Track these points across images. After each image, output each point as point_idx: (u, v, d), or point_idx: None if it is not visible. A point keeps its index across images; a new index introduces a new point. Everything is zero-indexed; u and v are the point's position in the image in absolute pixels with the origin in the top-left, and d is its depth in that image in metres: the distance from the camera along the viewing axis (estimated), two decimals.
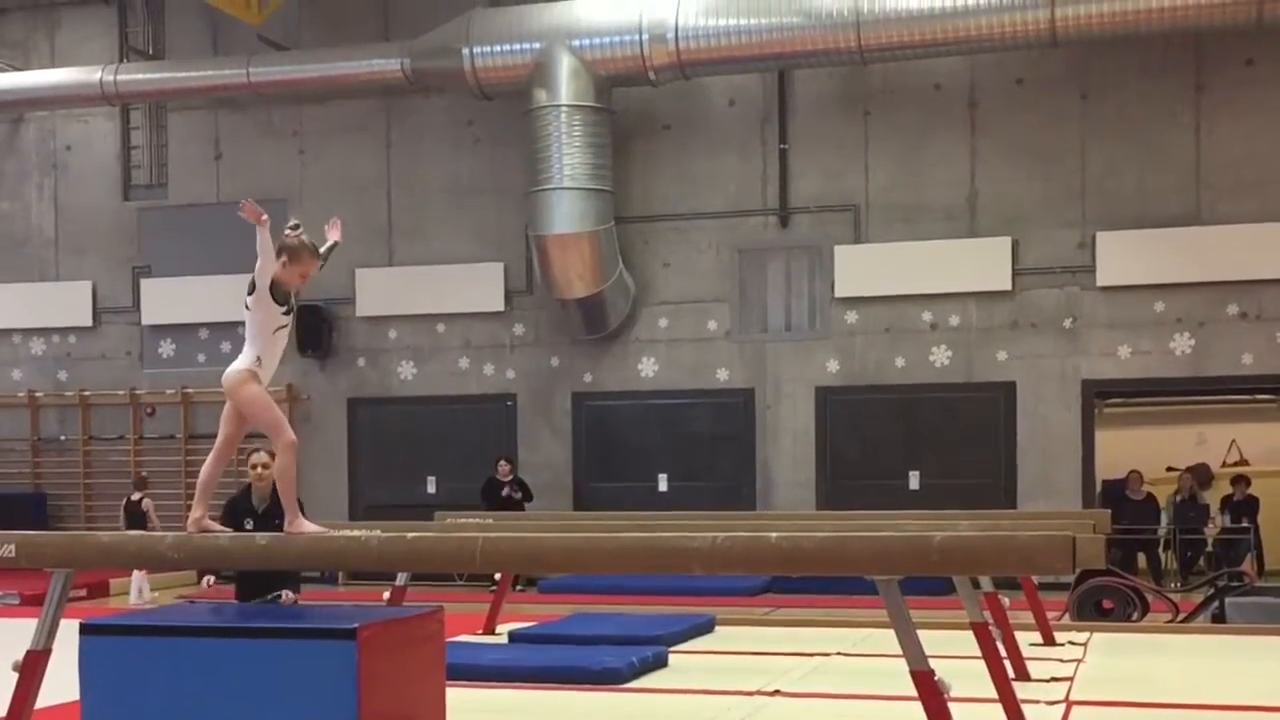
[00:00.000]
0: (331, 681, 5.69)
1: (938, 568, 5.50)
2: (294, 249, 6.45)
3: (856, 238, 17.00)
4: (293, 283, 6.43)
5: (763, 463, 17.28)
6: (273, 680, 5.79)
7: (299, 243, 6.49)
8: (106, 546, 6.69)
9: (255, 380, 6.32)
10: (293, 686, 5.75)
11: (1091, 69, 16.26)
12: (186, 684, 5.89)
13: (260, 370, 6.34)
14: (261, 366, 6.34)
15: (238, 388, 6.31)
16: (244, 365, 6.33)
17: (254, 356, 6.33)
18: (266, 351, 6.36)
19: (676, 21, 15.97)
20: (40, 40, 19.78)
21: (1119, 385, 16.79)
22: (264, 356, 6.35)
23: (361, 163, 18.51)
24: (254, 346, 6.34)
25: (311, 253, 6.54)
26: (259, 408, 6.34)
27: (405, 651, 6.12)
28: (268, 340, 6.36)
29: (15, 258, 19.83)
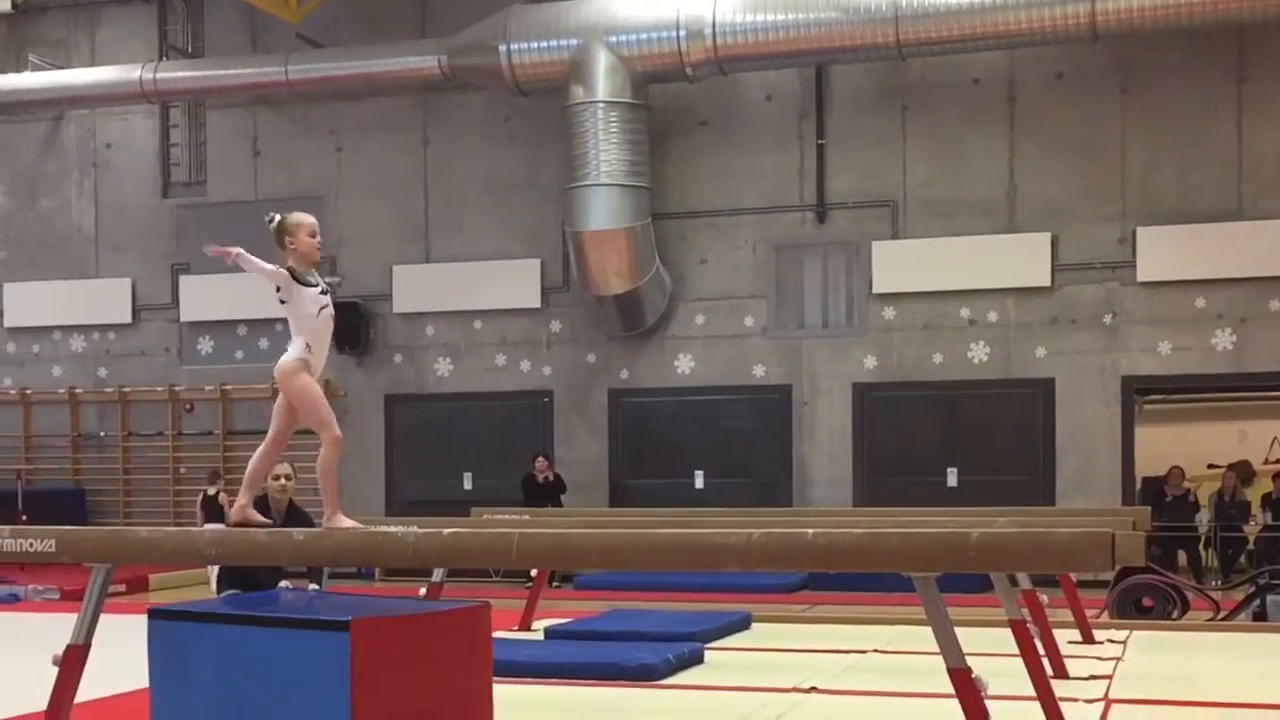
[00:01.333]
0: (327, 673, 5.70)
1: (975, 564, 5.46)
2: (286, 225, 6.40)
3: (894, 233, 16.93)
4: (311, 254, 6.39)
5: (799, 460, 17.23)
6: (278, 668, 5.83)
7: (283, 217, 6.45)
8: (146, 541, 6.72)
9: (307, 370, 6.33)
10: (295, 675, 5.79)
11: (1132, 62, 16.14)
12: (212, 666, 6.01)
13: (311, 358, 6.34)
14: (312, 354, 6.35)
15: (290, 379, 6.31)
16: (295, 355, 6.33)
17: (303, 344, 6.33)
18: (315, 337, 6.36)
19: (714, 17, 15.94)
20: (81, 39, 19.91)
21: (1159, 382, 16.66)
22: (313, 343, 6.36)
23: (398, 160, 18.56)
24: (301, 334, 6.35)
25: (300, 215, 6.47)
26: (310, 401, 6.34)
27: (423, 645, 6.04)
28: (313, 325, 6.35)
29: (56, 255, 19.97)
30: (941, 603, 5.43)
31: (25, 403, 19.99)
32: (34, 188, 20.14)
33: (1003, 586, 7.74)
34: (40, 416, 20.07)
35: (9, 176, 20.26)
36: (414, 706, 5.95)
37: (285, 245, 6.37)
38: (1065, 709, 6.96)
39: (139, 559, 6.93)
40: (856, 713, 7.71)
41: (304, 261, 6.39)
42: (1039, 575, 9.13)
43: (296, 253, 6.37)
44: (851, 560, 5.54)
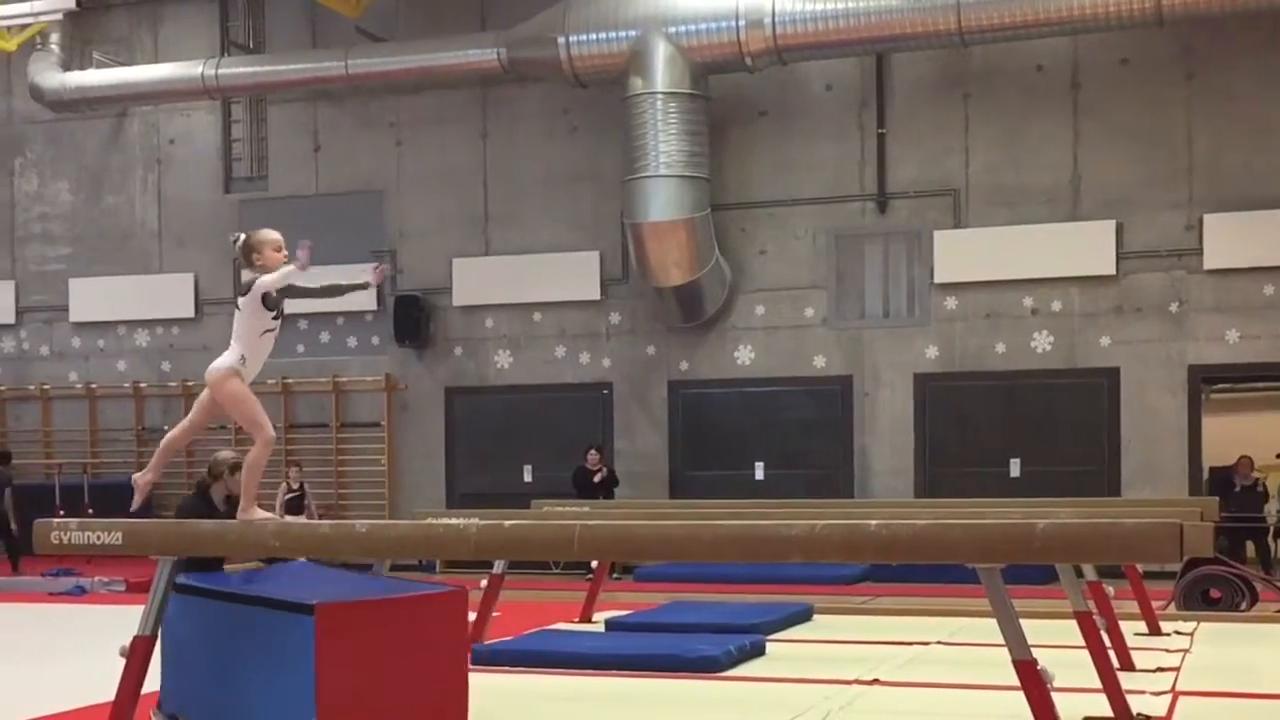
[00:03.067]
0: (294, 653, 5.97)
1: (1041, 556, 5.41)
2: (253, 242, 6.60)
3: (956, 222, 16.80)
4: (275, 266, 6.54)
5: (860, 451, 17.14)
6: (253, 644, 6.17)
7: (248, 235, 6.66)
8: (210, 534, 6.78)
9: (238, 378, 6.50)
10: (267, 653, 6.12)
11: (1198, 48, 15.93)
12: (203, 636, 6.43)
13: (244, 370, 6.54)
14: (245, 366, 6.54)
15: (220, 384, 6.50)
16: (229, 363, 6.51)
17: (239, 355, 6.52)
18: (251, 351, 6.56)
19: (773, 7, 15.87)
20: (144, 36, 20.10)
21: (1227, 370, 16.45)
22: (249, 356, 6.55)
23: (458, 152, 18.61)
24: (240, 345, 6.53)
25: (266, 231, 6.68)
26: (240, 405, 6.55)
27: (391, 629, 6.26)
28: (254, 341, 6.56)
29: (120, 250, 20.18)
30: (1006, 594, 5.38)
31: (91, 397, 20.22)
32: (98, 184, 20.35)
33: (1068, 578, 7.66)
34: (105, 410, 20.30)
35: (74, 173, 20.48)
36: (382, 688, 6.16)
37: (253, 262, 6.61)
38: (1132, 701, 6.88)
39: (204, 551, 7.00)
40: (920, 705, 7.65)
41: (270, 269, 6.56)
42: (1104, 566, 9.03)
43: (265, 269, 6.56)
44: (916, 552, 5.49)
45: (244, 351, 6.53)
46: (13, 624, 13.10)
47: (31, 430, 20.42)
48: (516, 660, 8.94)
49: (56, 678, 9.22)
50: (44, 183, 20.63)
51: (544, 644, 9.49)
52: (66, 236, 20.49)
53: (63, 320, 20.42)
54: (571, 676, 8.48)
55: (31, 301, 20.59)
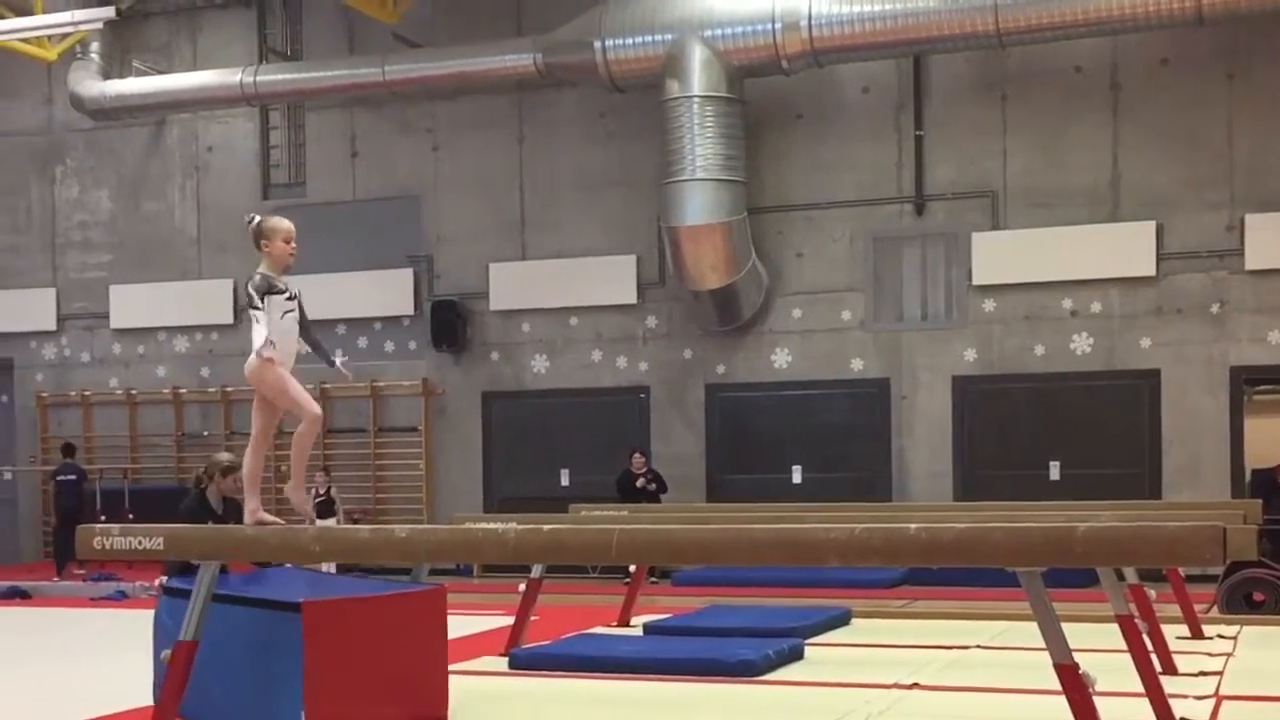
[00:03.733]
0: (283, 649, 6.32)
1: (1082, 559, 5.38)
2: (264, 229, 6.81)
3: (994, 224, 16.72)
4: (283, 259, 6.77)
5: (898, 453, 17.07)
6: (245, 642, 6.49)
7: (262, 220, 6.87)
8: (251, 539, 6.82)
9: (273, 363, 6.63)
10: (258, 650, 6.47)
11: (1239, 47, 15.81)
12: None
13: (278, 355, 6.64)
14: (278, 350, 6.64)
15: (260, 375, 6.65)
16: (261, 353, 6.63)
17: (268, 342, 6.61)
18: (279, 338, 6.68)
19: (810, 9, 15.83)
20: (182, 44, 20.22)
21: (1269, 372, 16.31)
22: (276, 341, 6.66)
23: (494, 157, 18.64)
24: (267, 333, 6.64)
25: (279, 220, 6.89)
26: (283, 389, 6.68)
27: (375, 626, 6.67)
28: (276, 326, 6.68)
29: (160, 257, 20.30)
30: (1047, 598, 5.35)
31: (131, 403, 20.35)
32: (138, 191, 20.49)
33: (1110, 581, 7.61)
34: (145, 416, 20.42)
35: (114, 180, 20.62)
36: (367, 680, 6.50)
37: (261, 247, 6.79)
38: (1175, 705, 6.83)
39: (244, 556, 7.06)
40: (960, 709, 7.61)
41: (276, 265, 6.78)
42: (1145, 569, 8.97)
43: (270, 256, 6.79)
44: (956, 555, 5.47)
45: (269, 334, 6.62)
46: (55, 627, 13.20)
47: (73, 436, 20.51)
48: (555, 664, 8.96)
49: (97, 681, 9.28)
50: (84, 190, 20.78)
51: (582, 648, 9.50)
52: (107, 244, 20.62)
53: (103, 327, 20.56)
54: (609, 680, 8.48)
55: (73, 308, 20.75)
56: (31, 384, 20.89)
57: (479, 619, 11.95)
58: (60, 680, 9.53)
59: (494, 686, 8.60)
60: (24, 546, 20.70)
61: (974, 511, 10.54)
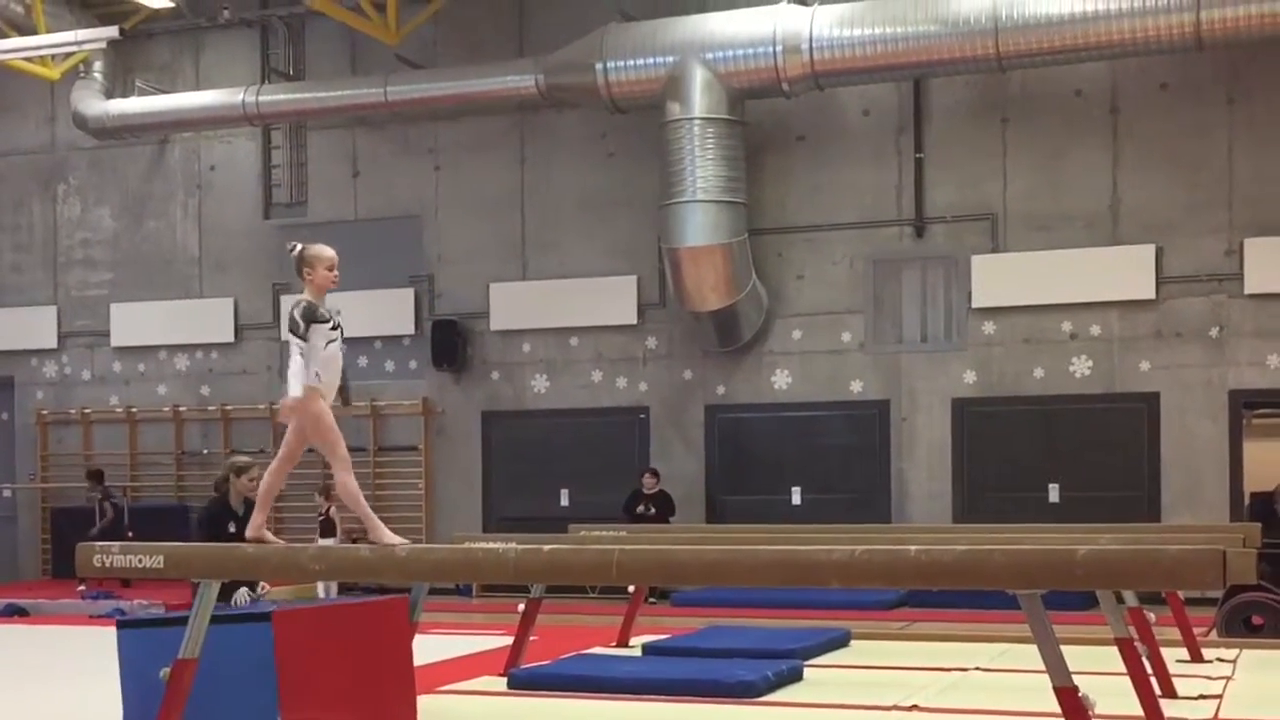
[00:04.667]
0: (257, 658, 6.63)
1: (1082, 582, 5.39)
2: (306, 256, 6.77)
3: (994, 247, 16.76)
4: (325, 286, 6.75)
5: (897, 475, 17.09)
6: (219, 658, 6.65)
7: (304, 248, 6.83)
8: (251, 558, 6.85)
9: (320, 397, 6.61)
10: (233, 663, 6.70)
11: (1239, 72, 15.87)
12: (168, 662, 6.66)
13: (321, 386, 6.63)
14: (322, 382, 6.63)
15: (306, 405, 6.59)
16: (305, 385, 6.60)
17: (313, 372, 6.60)
18: (323, 365, 6.65)
19: (811, 33, 15.89)
20: (185, 63, 20.28)
21: (1268, 396, 16.32)
22: (322, 371, 6.64)
23: (495, 178, 18.69)
24: (312, 363, 6.61)
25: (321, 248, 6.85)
26: (323, 425, 6.65)
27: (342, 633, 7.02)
28: (321, 355, 6.64)
29: (161, 275, 20.34)
30: (1048, 620, 5.36)
31: (131, 421, 20.36)
32: (140, 210, 20.53)
33: (1109, 604, 7.62)
34: (145, 434, 20.44)
35: (116, 199, 20.67)
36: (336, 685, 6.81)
37: (303, 275, 6.76)
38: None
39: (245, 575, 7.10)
40: None
41: (318, 293, 6.75)
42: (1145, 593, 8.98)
43: (312, 284, 6.76)
44: (956, 577, 5.48)
45: (316, 368, 6.61)
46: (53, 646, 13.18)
47: (72, 454, 20.57)
48: (553, 684, 8.96)
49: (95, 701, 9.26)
50: (86, 209, 20.83)
51: (581, 668, 9.49)
52: (108, 262, 20.66)
53: (104, 345, 20.58)
54: (608, 701, 8.48)
55: (73, 326, 20.77)
56: (32, 401, 20.90)
57: (478, 639, 11.96)
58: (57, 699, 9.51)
59: (493, 706, 8.60)
60: (23, 564, 20.69)
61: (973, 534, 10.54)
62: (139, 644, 7.11)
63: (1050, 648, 5.36)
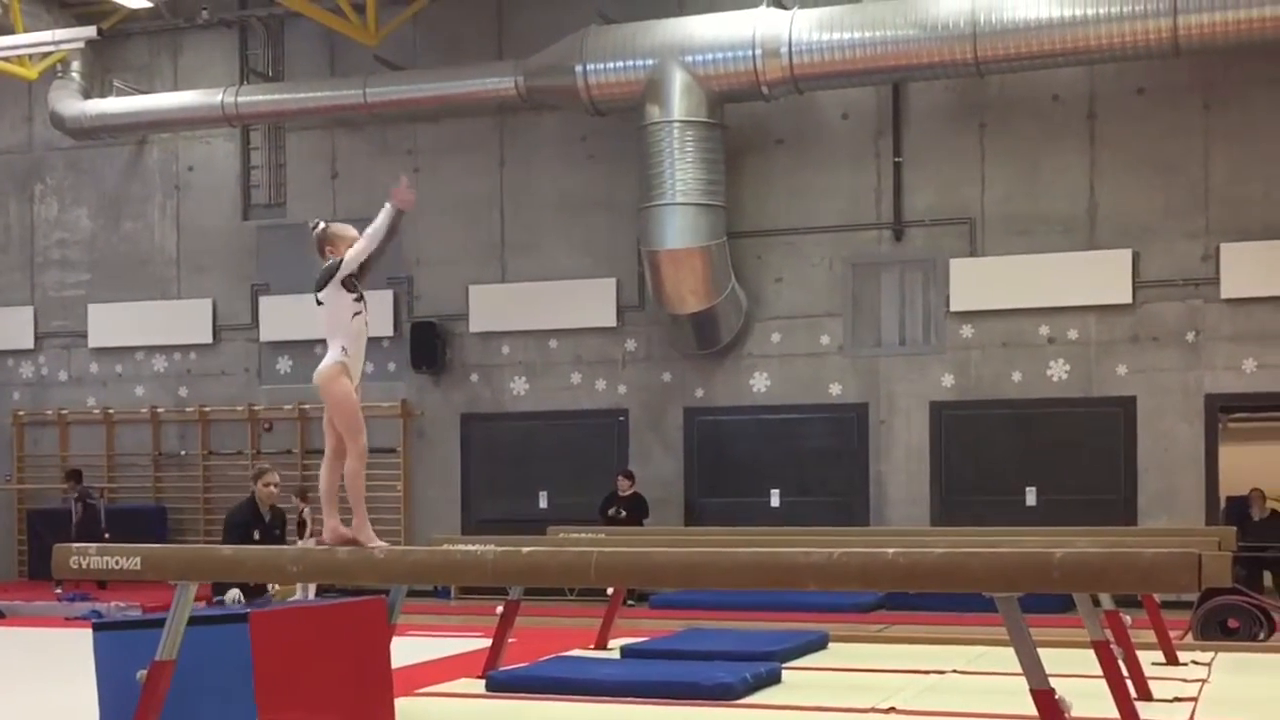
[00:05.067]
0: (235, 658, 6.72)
1: (1059, 585, 5.42)
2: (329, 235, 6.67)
3: (972, 250, 16.81)
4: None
5: (876, 478, 17.13)
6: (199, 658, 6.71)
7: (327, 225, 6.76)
8: (229, 560, 6.85)
9: (346, 375, 6.49)
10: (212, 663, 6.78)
11: (1215, 77, 15.95)
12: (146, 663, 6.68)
13: (349, 361, 6.50)
14: (349, 356, 6.50)
15: (331, 382, 6.48)
16: (334, 359, 6.51)
17: (340, 347, 6.50)
18: (351, 341, 6.53)
19: (790, 36, 15.92)
20: (164, 64, 20.22)
21: (1244, 400, 16.42)
22: (349, 346, 6.52)
23: (475, 180, 18.68)
24: (338, 337, 6.52)
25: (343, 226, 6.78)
26: (346, 407, 6.50)
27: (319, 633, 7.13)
28: (349, 329, 6.53)
29: (139, 276, 20.26)
30: (1024, 623, 5.39)
31: (108, 422, 20.28)
32: (118, 210, 20.46)
33: (1086, 607, 7.66)
34: (123, 435, 20.36)
35: (94, 199, 20.59)
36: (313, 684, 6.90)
37: (324, 254, 6.60)
38: None
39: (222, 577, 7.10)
40: None
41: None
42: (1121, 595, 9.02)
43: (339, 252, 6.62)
44: (934, 580, 5.50)
45: (344, 343, 6.50)
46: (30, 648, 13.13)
47: (49, 455, 20.48)
48: (532, 687, 8.96)
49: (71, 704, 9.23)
50: (64, 209, 20.75)
51: (559, 670, 9.50)
52: (85, 262, 20.58)
53: (81, 345, 20.50)
54: (587, 703, 8.49)
55: (50, 327, 20.68)
56: (8, 402, 20.80)
57: (457, 641, 11.96)
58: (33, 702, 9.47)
59: (471, 708, 8.60)
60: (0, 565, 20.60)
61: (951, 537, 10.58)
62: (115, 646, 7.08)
63: (1027, 650, 5.38)
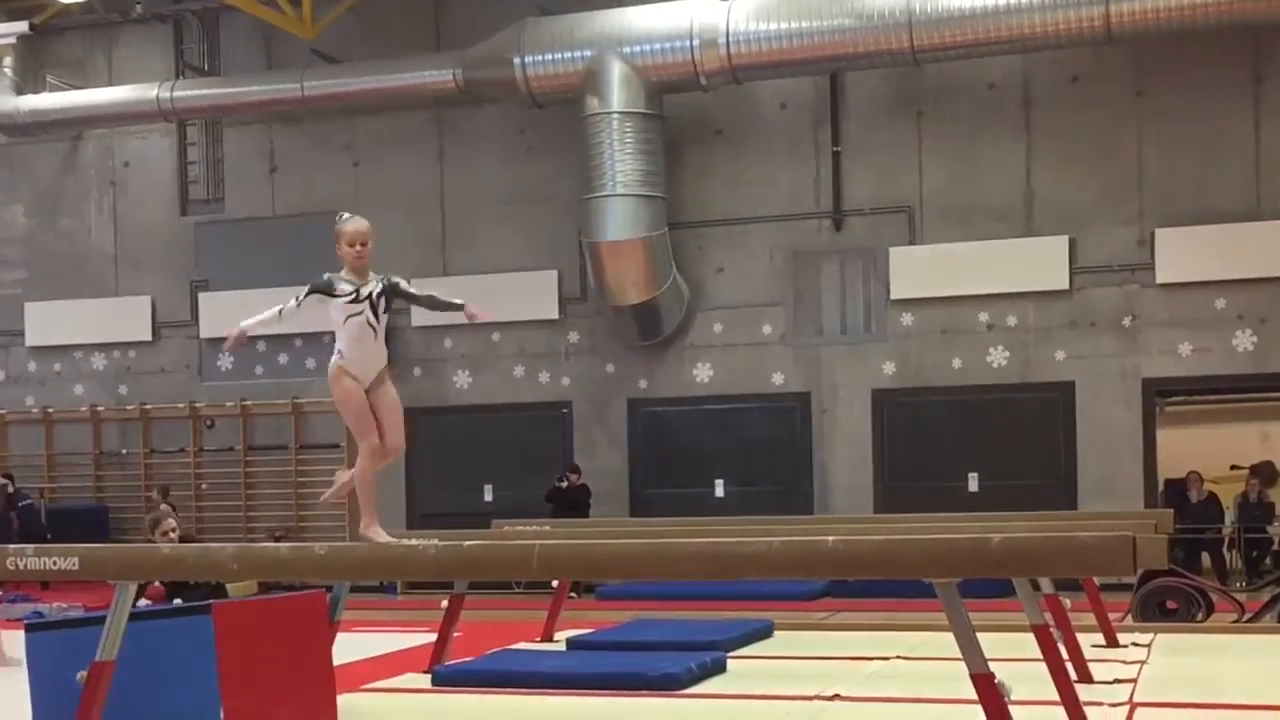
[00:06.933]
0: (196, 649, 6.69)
1: (997, 570, 5.47)
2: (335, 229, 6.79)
3: (911, 239, 16.92)
4: (349, 260, 6.70)
5: (820, 467, 17.22)
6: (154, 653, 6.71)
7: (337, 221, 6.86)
8: (168, 559, 6.79)
9: (347, 375, 6.52)
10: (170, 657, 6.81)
11: (1148, 64, 16.12)
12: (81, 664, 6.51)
13: (346, 363, 6.53)
14: (346, 358, 6.54)
15: (332, 385, 6.58)
16: (332, 361, 6.58)
17: (337, 350, 6.57)
18: (347, 344, 6.56)
19: (728, 26, 15.95)
20: (98, 59, 20.01)
21: (1180, 383, 16.63)
22: (345, 348, 6.56)
23: (415, 173, 18.61)
24: (338, 341, 6.58)
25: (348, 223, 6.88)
26: (350, 407, 6.56)
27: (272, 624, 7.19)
28: (342, 331, 6.57)
29: (76, 274, 20.06)
30: (963, 608, 5.43)
31: (47, 421, 20.08)
32: (54, 207, 20.24)
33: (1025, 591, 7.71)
34: (62, 435, 20.16)
35: (29, 197, 20.36)
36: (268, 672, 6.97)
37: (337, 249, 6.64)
38: (1090, 713, 6.94)
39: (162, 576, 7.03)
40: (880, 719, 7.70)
41: (346, 267, 6.70)
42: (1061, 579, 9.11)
43: (342, 259, 6.73)
44: (873, 567, 5.54)
45: (340, 345, 6.54)
46: None
47: None
48: (478, 681, 8.94)
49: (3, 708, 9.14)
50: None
51: (505, 664, 9.49)
52: (21, 260, 20.35)
53: (18, 345, 20.28)
54: (533, 696, 8.48)
55: None
56: None
57: (402, 636, 11.92)
58: None
59: (417, 704, 8.58)
60: None
61: (892, 524, 10.64)
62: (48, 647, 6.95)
63: (966, 635, 5.43)
